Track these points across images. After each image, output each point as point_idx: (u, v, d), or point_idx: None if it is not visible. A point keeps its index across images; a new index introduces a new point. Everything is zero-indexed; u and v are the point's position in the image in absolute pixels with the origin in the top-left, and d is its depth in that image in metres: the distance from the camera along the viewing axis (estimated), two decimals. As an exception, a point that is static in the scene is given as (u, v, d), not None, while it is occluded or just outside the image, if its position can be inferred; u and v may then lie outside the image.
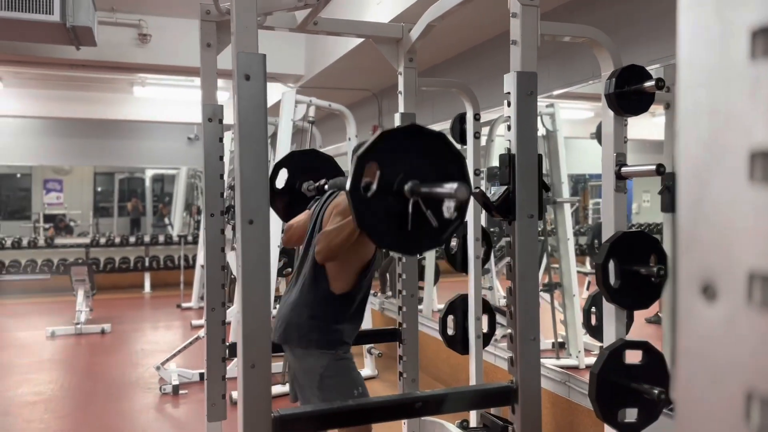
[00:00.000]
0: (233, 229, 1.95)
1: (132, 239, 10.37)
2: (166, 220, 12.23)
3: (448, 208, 1.60)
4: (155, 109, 9.02)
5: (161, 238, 10.29)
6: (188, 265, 8.99)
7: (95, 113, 9.09)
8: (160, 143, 11.25)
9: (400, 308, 3.00)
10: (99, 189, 12.67)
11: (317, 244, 2.43)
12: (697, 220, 0.44)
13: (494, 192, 2.05)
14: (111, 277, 9.56)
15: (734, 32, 0.42)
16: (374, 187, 1.59)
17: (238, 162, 1.81)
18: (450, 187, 1.51)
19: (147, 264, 9.82)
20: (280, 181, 3.06)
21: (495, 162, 5.02)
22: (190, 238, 9.85)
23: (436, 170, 1.67)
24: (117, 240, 10.29)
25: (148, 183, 12.67)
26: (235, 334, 3.09)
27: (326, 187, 2.88)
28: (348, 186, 1.57)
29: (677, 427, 0.47)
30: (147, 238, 10.32)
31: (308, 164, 3.11)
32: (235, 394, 3.68)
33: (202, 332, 4.99)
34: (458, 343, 3.29)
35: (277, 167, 3.01)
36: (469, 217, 3.34)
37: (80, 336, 6.60)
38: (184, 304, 8.00)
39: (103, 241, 10.22)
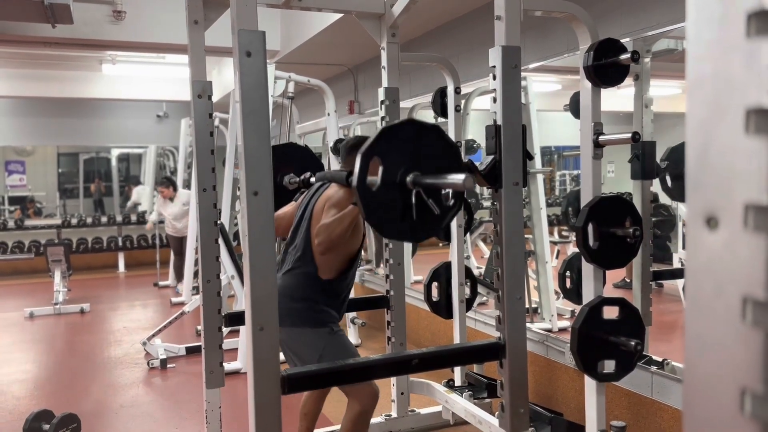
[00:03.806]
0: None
1: (104, 219, 10.27)
2: (135, 200, 12.11)
3: (448, 195, 1.72)
4: (124, 86, 8.90)
5: (134, 218, 10.21)
6: (163, 243, 8.97)
7: (62, 92, 8.91)
8: (128, 121, 11.09)
9: (387, 276, 3.12)
10: (63, 170, 12.44)
11: (316, 237, 2.51)
12: (702, 165, 0.56)
13: (482, 161, 2.17)
14: (84, 257, 9.48)
15: (734, 14, 0.53)
16: (378, 181, 1.69)
17: (242, 137, 1.88)
18: (456, 178, 1.62)
19: (120, 244, 9.76)
20: None
21: (471, 135, 5.14)
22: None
23: (433, 158, 1.78)
24: (89, 220, 10.18)
25: (114, 162, 12.49)
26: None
27: (312, 180, 2.95)
28: (355, 182, 1.67)
29: (687, 331, 0.59)
30: (119, 218, 10.23)
31: (288, 157, 3.19)
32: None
33: (187, 308, 5.06)
34: (442, 308, 3.43)
35: None
36: (451, 187, 3.46)
37: (60, 316, 6.58)
38: (161, 283, 8.01)
39: (74, 221, 10.10)
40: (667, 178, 3.41)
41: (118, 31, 5.37)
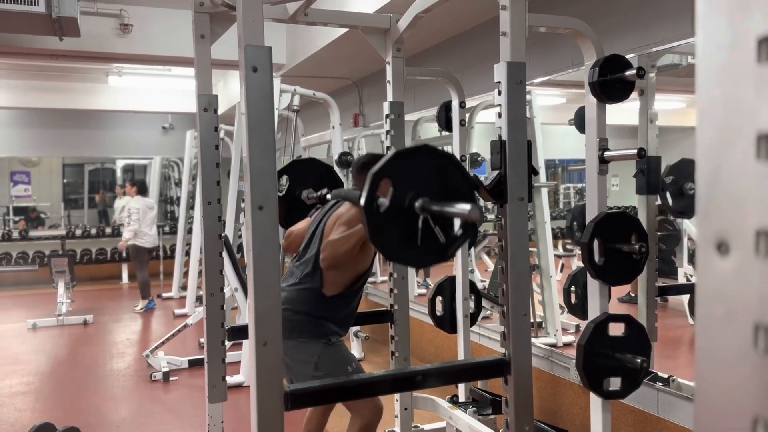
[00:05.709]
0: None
1: (108, 230, 10.28)
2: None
3: (456, 225, 1.71)
4: (130, 98, 8.95)
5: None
6: (167, 255, 8.97)
7: (69, 103, 8.98)
8: (133, 133, 11.15)
9: (391, 290, 3.11)
10: (68, 180, 12.48)
11: (323, 252, 2.53)
12: (713, 190, 0.56)
13: (487, 176, 2.17)
14: (88, 268, 9.49)
15: (744, 39, 0.53)
16: (386, 203, 1.69)
17: (247, 151, 1.88)
18: (463, 207, 1.61)
19: (124, 255, 9.75)
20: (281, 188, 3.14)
21: (476, 148, 5.14)
22: (167, 228, 9.80)
23: (444, 188, 1.77)
24: (93, 231, 10.20)
25: (119, 174, 12.54)
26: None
27: (328, 196, 2.96)
28: (362, 201, 1.66)
29: (697, 356, 0.58)
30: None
31: (309, 172, 3.20)
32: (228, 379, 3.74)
33: (190, 320, 5.05)
34: (446, 322, 3.41)
35: (279, 174, 3.08)
36: (456, 201, 3.46)
37: (63, 327, 6.58)
38: (165, 294, 8.00)
39: (79, 232, 10.12)
40: (668, 195, 3.38)
41: (124, 44, 5.42)
